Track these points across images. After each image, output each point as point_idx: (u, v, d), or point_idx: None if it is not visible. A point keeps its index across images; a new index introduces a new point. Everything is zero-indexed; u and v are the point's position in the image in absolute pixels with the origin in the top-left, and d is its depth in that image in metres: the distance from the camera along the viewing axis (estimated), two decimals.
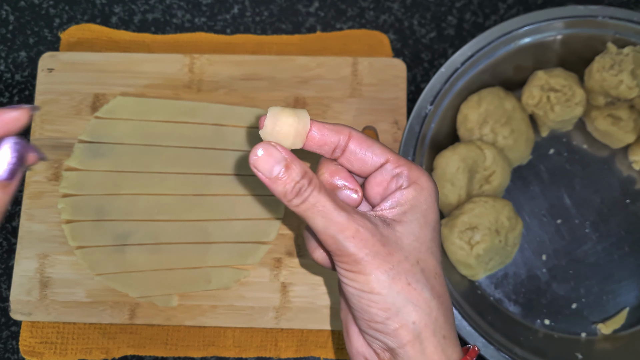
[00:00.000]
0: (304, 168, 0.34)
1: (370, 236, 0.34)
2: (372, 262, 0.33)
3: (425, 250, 0.35)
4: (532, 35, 0.58)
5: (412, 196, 0.35)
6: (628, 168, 0.60)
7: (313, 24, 0.65)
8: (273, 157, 0.34)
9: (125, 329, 0.58)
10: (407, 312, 0.34)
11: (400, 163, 0.36)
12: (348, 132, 0.36)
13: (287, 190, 0.34)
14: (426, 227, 0.35)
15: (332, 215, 0.33)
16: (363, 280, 0.34)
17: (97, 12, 0.66)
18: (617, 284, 0.58)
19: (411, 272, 0.34)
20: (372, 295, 0.34)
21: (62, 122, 0.62)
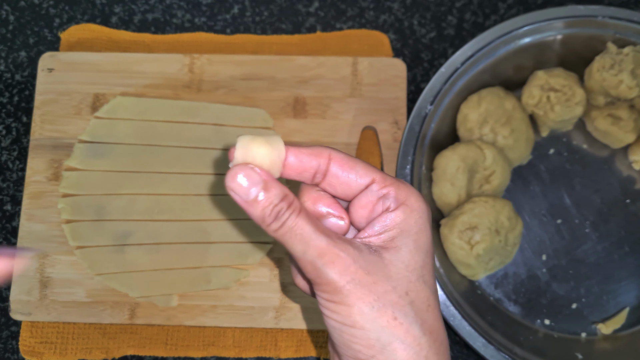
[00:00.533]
0: (283, 191, 0.32)
1: (352, 262, 0.31)
2: (355, 292, 0.30)
3: (416, 279, 0.32)
4: (532, 35, 0.58)
5: (400, 219, 0.32)
6: (628, 168, 0.60)
7: (313, 24, 0.65)
8: (250, 179, 0.31)
9: (125, 329, 0.58)
10: (393, 350, 0.30)
11: (387, 183, 0.33)
12: (328, 154, 0.33)
13: (265, 215, 0.31)
14: (417, 253, 0.32)
15: (310, 239, 0.31)
16: (345, 312, 0.31)
17: (97, 12, 0.66)
18: (617, 283, 0.58)
19: (399, 304, 0.31)
20: (354, 330, 0.31)
21: (62, 122, 0.62)
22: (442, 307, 0.52)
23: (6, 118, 0.64)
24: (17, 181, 0.62)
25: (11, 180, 0.62)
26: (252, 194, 0.31)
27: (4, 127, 0.64)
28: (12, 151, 0.63)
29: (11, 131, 0.63)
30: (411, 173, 0.56)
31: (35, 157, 0.61)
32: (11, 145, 0.63)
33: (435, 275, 0.34)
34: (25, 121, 0.63)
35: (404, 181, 0.34)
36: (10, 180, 0.62)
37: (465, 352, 0.56)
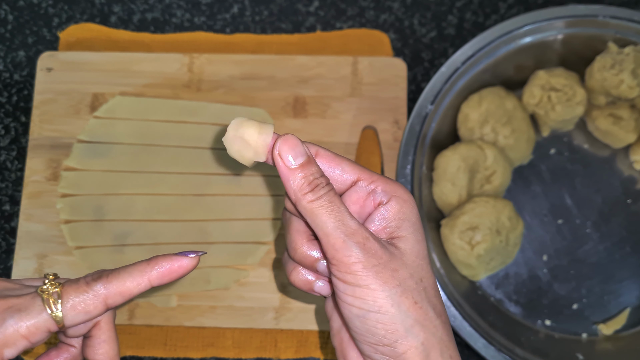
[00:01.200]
0: (322, 171, 0.33)
1: (379, 248, 0.32)
2: (381, 275, 0.32)
3: (426, 266, 0.34)
4: (533, 34, 0.58)
5: (397, 209, 0.34)
6: (629, 168, 0.60)
7: (313, 24, 0.65)
8: (299, 148, 0.33)
9: (124, 329, 0.58)
10: (416, 333, 0.32)
11: (374, 179, 0.34)
12: (315, 150, 0.34)
13: (303, 183, 0.32)
14: (422, 241, 0.34)
15: (345, 217, 0.32)
16: (369, 296, 0.31)
17: (96, 11, 0.66)
18: (618, 284, 0.57)
19: (416, 290, 0.32)
20: (379, 315, 0.31)
21: (61, 121, 0.61)
22: None
23: (5, 118, 0.63)
24: (15, 181, 0.62)
25: (10, 180, 0.62)
26: (297, 162, 0.32)
27: (3, 127, 0.63)
28: (10, 151, 0.63)
29: (10, 131, 0.63)
30: (412, 173, 0.55)
31: (34, 157, 0.61)
32: (10, 145, 0.63)
33: None
34: (24, 121, 0.63)
35: (388, 177, 0.35)
36: (8, 180, 0.62)
37: (466, 352, 0.56)
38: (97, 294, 0.33)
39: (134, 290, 0.34)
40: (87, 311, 0.33)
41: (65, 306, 0.32)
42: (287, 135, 0.33)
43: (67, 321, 0.32)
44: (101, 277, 0.33)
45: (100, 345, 0.35)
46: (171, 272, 0.34)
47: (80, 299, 0.33)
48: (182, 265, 0.34)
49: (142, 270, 0.34)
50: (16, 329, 0.31)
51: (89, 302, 0.33)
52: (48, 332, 0.32)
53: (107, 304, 0.33)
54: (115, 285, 0.33)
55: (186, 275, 0.35)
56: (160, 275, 0.34)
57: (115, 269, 0.34)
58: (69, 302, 0.32)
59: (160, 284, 0.34)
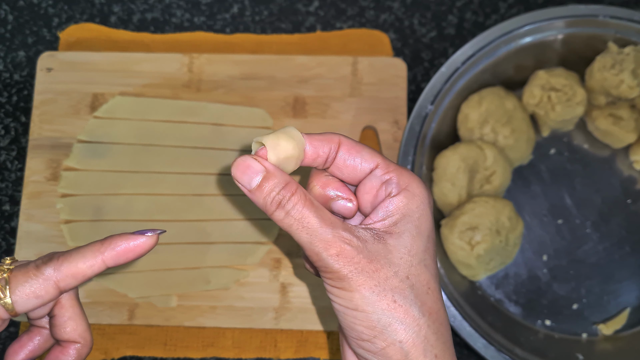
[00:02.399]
0: (285, 179, 0.33)
1: (355, 253, 0.32)
2: (357, 279, 0.32)
3: (417, 263, 0.33)
4: (533, 34, 0.58)
5: (402, 204, 0.34)
6: (629, 168, 0.60)
7: (313, 24, 0.65)
8: (251, 169, 0.33)
9: (124, 329, 0.58)
10: (394, 331, 0.32)
11: (390, 169, 0.34)
12: (337, 140, 0.35)
13: (267, 202, 0.33)
14: (419, 238, 0.34)
15: (316, 231, 0.32)
16: (348, 297, 0.33)
17: (96, 11, 0.66)
18: (618, 284, 0.57)
19: (399, 288, 0.33)
20: (357, 313, 0.33)
21: (61, 121, 0.61)
22: None
23: (5, 118, 0.63)
24: (15, 181, 0.62)
25: (10, 180, 0.62)
26: (254, 183, 0.33)
27: (3, 127, 0.63)
28: (10, 151, 0.63)
29: (10, 131, 0.63)
30: None
31: (33, 157, 0.61)
32: (10, 145, 0.63)
33: (436, 259, 0.35)
34: (24, 121, 0.63)
35: (407, 168, 0.35)
36: (8, 180, 0.62)
37: (466, 352, 0.56)
38: (48, 278, 0.32)
39: (88, 272, 0.33)
40: (38, 296, 0.32)
41: (15, 292, 0.31)
42: (238, 160, 0.33)
43: (18, 307, 0.31)
44: (51, 259, 0.32)
45: (66, 323, 0.34)
46: (127, 252, 0.33)
47: (29, 284, 0.31)
48: (138, 245, 0.33)
49: (95, 251, 0.33)
50: None
51: (40, 287, 0.32)
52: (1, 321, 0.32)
53: (59, 288, 0.32)
54: (67, 267, 0.32)
55: (144, 255, 0.33)
56: (116, 255, 0.33)
57: (68, 250, 0.33)
58: (18, 288, 0.31)
59: (117, 265, 0.33)
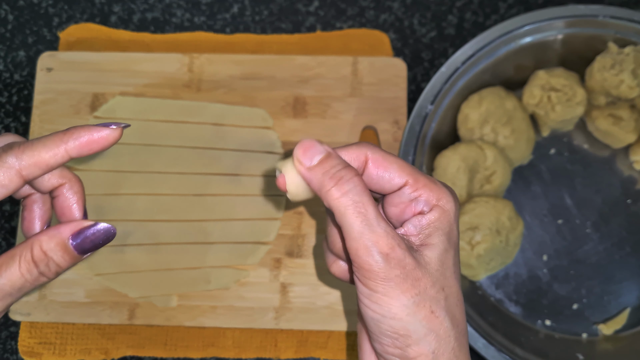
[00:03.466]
0: (346, 163, 0.32)
1: (404, 256, 0.31)
2: (401, 285, 0.31)
3: (450, 275, 0.33)
4: (533, 34, 0.58)
5: (435, 219, 0.33)
6: (629, 168, 0.60)
7: (313, 23, 0.65)
8: (315, 147, 0.32)
9: (124, 329, 0.58)
10: (429, 342, 0.32)
11: (419, 186, 0.33)
12: (365, 155, 0.34)
13: (325, 177, 0.31)
14: (451, 251, 0.33)
15: (372, 221, 0.31)
16: (386, 304, 0.31)
17: (96, 11, 0.66)
18: (618, 284, 0.58)
19: (436, 299, 0.32)
20: (393, 322, 0.32)
21: (61, 121, 0.61)
22: None
23: (5, 118, 0.63)
24: None
25: None
26: (316, 159, 0.32)
27: (3, 127, 0.63)
28: None
29: (10, 131, 0.63)
30: None
31: None
32: None
33: (460, 271, 0.35)
34: (24, 121, 0.63)
35: (436, 181, 0.34)
36: None
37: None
38: (10, 167, 0.31)
39: (50, 161, 0.32)
40: (3, 185, 0.31)
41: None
42: (302, 140, 0.33)
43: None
44: (12, 148, 0.32)
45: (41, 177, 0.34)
46: (91, 144, 0.32)
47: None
48: (102, 136, 0.32)
49: (58, 141, 0.32)
50: None
51: (3, 177, 0.31)
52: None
53: (22, 176, 0.32)
54: (29, 156, 0.32)
55: (108, 148, 0.33)
56: (79, 146, 0.32)
57: (29, 140, 0.33)
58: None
59: (80, 156, 0.32)
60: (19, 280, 0.31)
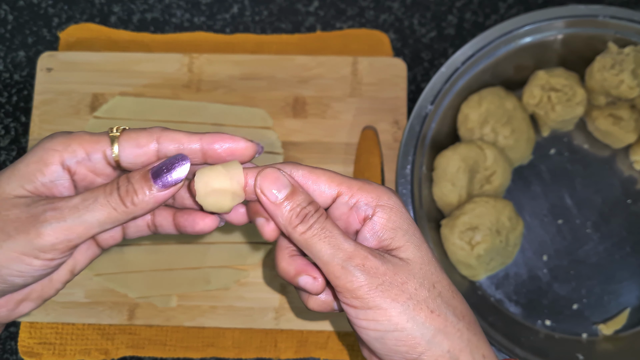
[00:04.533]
0: (310, 197, 0.32)
1: (380, 264, 0.31)
2: (388, 293, 0.30)
3: (435, 270, 0.32)
4: (533, 34, 0.58)
5: (385, 220, 0.32)
6: (629, 168, 0.60)
7: (313, 24, 0.65)
8: (280, 180, 0.32)
9: (124, 329, 0.58)
10: (439, 342, 0.31)
11: (354, 191, 0.33)
12: (289, 170, 0.33)
13: (292, 216, 0.31)
14: (422, 246, 0.33)
15: (339, 241, 0.31)
16: (382, 317, 0.31)
17: (96, 11, 0.65)
18: (618, 284, 0.57)
19: (430, 297, 0.31)
20: (397, 333, 0.31)
21: (61, 121, 0.61)
22: None
23: (5, 118, 0.63)
24: None
25: None
26: (280, 197, 0.32)
27: (3, 127, 0.63)
28: (10, 151, 0.63)
29: (10, 131, 0.63)
30: (411, 173, 0.55)
31: None
32: (10, 146, 0.63)
33: None
34: (24, 121, 0.63)
35: (370, 182, 0.34)
36: None
37: None
38: (151, 134, 0.33)
39: (185, 142, 0.33)
40: (139, 144, 0.33)
41: (122, 137, 0.33)
42: (266, 169, 0.32)
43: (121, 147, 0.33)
44: (159, 127, 0.34)
45: None
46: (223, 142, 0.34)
47: (136, 134, 0.33)
48: (236, 144, 0.34)
49: (197, 134, 0.34)
50: (79, 139, 0.33)
51: (143, 137, 0.33)
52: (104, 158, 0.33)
53: (157, 145, 0.33)
54: (169, 133, 0.33)
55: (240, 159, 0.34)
56: (212, 138, 0.34)
57: None
58: (126, 135, 0.33)
59: (208, 153, 0.34)
60: (105, 210, 0.32)
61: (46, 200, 0.32)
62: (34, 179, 0.33)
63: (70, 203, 0.32)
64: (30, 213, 0.32)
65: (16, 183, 0.32)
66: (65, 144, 0.33)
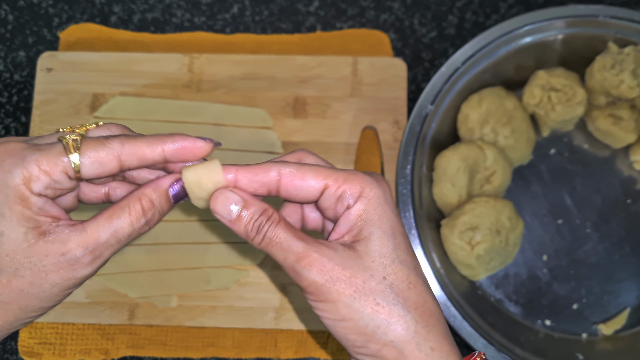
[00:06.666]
0: (262, 206, 0.34)
1: (327, 261, 0.33)
2: (335, 287, 0.33)
3: (391, 262, 0.34)
4: (533, 34, 0.58)
5: (361, 211, 0.34)
6: (629, 168, 0.60)
7: (313, 24, 0.65)
8: (230, 200, 0.34)
9: (124, 329, 0.58)
10: (383, 333, 0.33)
11: (340, 182, 0.35)
12: (277, 171, 0.35)
13: (248, 230, 0.34)
14: (385, 238, 0.34)
15: (288, 245, 0.33)
16: (332, 308, 0.33)
17: (96, 11, 0.66)
18: (618, 284, 0.58)
19: (378, 290, 0.33)
20: (344, 323, 0.33)
21: (61, 121, 0.61)
22: (443, 308, 0.52)
23: (5, 118, 0.63)
24: None
25: None
26: (234, 213, 0.34)
27: (3, 127, 0.63)
28: None
29: (10, 131, 0.63)
30: (411, 173, 0.55)
31: None
32: None
33: (414, 253, 0.35)
34: (24, 121, 0.63)
35: (357, 172, 0.35)
36: None
37: (466, 352, 0.56)
38: (113, 150, 0.34)
39: (148, 155, 0.34)
40: (102, 164, 0.34)
41: (83, 154, 0.33)
42: (215, 193, 0.34)
43: (83, 168, 0.33)
44: (118, 137, 0.34)
45: None
46: (184, 150, 0.35)
47: (97, 151, 0.33)
48: (197, 146, 0.35)
49: (158, 140, 0.35)
50: (37, 164, 0.32)
51: (104, 156, 0.34)
52: (66, 176, 0.33)
53: (121, 162, 0.34)
54: (131, 145, 0.34)
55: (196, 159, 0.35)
56: (175, 150, 0.35)
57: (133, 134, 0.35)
58: (86, 152, 0.33)
59: (172, 160, 0.35)
60: (129, 228, 0.34)
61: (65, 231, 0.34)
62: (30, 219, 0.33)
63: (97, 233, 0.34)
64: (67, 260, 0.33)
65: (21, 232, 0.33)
66: (24, 177, 0.33)
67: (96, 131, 0.36)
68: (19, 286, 0.33)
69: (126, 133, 0.36)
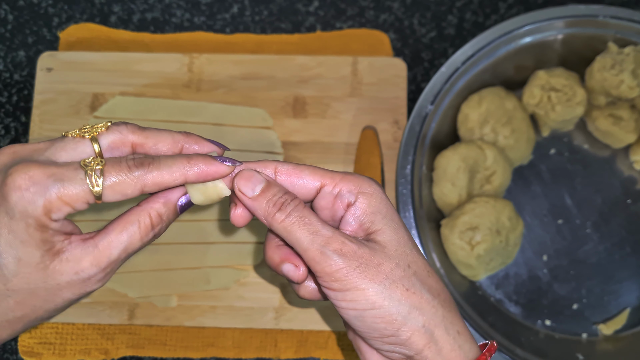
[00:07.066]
0: (285, 189, 0.35)
1: (357, 248, 0.33)
2: (365, 274, 0.33)
3: (410, 251, 0.35)
4: (533, 34, 0.58)
5: (366, 205, 0.35)
6: (629, 168, 0.60)
7: (313, 23, 0.65)
8: (254, 177, 0.34)
9: (124, 329, 0.58)
10: (415, 317, 0.33)
11: (336, 182, 0.35)
12: (273, 167, 0.36)
13: (269, 205, 0.34)
14: (399, 229, 0.35)
15: (318, 227, 0.33)
16: (360, 297, 0.33)
17: (96, 11, 0.66)
18: (618, 284, 0.57)
19: (405, 277, 0.34)
20: (374, 311, 0.33)
21: (61, 121, 0.61)
22: None
23: (5, 118, 0.63)
24: None
25: None
26: (257, 189, 0.34)
27: (3, 127, 0.63)
28: None
29: (10, 131, 0.63)
30: (411, 173, 0.55)
31: None
32: None
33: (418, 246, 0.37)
34: (24, 121, 0.63)
35: (352, 173, 0.36)
36: None
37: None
38: (136, 180, 0.34)
39: (170, 183, 0.35)
40: (124, 193, 0.34)
41: (105, 184, 0.33)
42: (242, 170, 0.35)
43: (104, 197, 0.34)
44: (142, 164, 0.34)
45: None
46: (207, 174, 0.35)
47: (119, 180, 0.33)
48: (217, 171, 0.35)
49: (182, 168, 0.35)
50: (59, 196, 0.32)
51: (127, 186, 0.34)
52: (87, 204, 0.34)
53: (143, 190, 0.34)
54: (154, 175, 0.34)
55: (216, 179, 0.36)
56: (197, 174, 0.35)
57: (157, 157, 0.35)
58: (109, 180, 0.33)
59: (196, 182, 0.36)
60: (138, 242, 0.35)
61: None
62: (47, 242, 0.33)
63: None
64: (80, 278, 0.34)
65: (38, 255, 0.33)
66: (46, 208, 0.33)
67: (108, 135, 0.35)
68: (33, 303, 0.34)
69: (136, 132, 0.36)
